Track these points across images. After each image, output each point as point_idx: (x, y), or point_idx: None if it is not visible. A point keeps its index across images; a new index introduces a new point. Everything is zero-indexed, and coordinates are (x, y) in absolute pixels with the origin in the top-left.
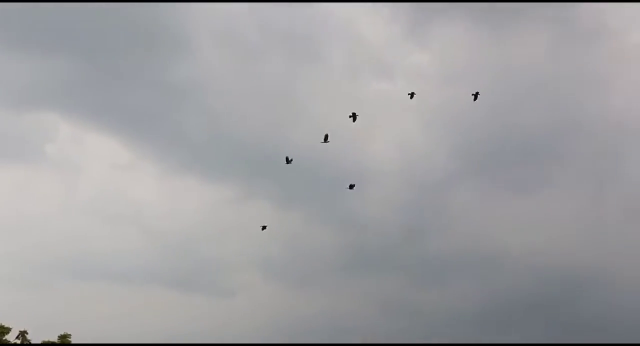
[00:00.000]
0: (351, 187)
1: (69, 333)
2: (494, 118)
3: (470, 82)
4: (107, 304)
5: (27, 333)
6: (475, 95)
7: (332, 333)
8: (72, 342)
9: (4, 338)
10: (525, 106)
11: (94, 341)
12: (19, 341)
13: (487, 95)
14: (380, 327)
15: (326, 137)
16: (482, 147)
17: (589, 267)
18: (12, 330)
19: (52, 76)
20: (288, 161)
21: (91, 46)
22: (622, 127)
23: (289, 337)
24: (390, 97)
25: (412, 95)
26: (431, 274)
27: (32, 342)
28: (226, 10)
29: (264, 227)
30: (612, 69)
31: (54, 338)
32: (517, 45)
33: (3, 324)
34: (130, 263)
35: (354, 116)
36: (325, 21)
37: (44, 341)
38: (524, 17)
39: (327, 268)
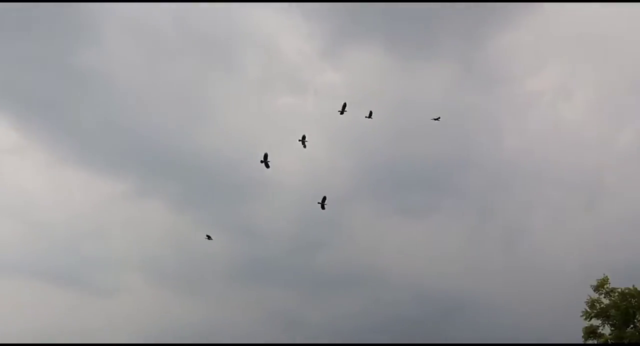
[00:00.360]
0: (324, 203)
1: None
2: (394, 144)
3: (376, 107)
4: None
5: None
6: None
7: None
8: None
9: None
10: (425, 137)
11: None
12: None
13: (391, 123)
14: (263, 338)
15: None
16: (381, 170)
17: (467, 291)
18: None
19: None
20: (265, 163)
21: None
22: (510, 166)
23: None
24: (300, 112)
25: (369, 114)
26: (319, 288)
27: None
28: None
29: (208, 237)
30: (507, 112)
31: None
32: (424, 78)
33: None
34: (3, 256)
35: (303, 140)
36: (244, 29)
37: None
38: (433, 52)
39: (215, 276)
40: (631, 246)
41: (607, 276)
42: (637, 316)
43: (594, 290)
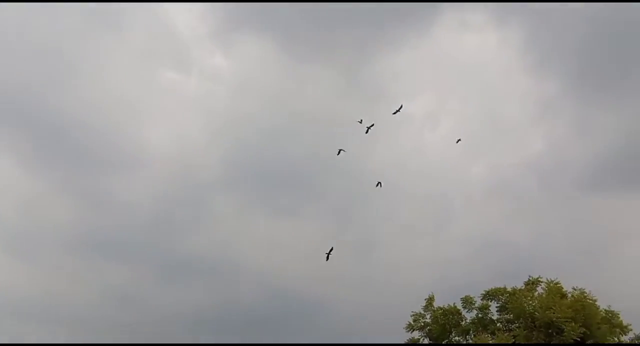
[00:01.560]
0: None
1: None
2: (269, 141)
3: (258, 100)
4: None
5: None
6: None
7: (41, 319)
8: None
9: None
10: (297, 137)
11: None
12: None
13: (269, 120)
14: (95, 314)
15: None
16: (252, 163)
17: (315, 294)
18: None
19: None
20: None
21: None
22: (374, 179)
23: None
24: (180, 89)
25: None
26: (171, 272)
27: None
28: None
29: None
30: (381, 128)
31: None
32: (308, 82)
33: None
34: None
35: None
36: None
37: None
38: (323, 59)
39: (60, 246)
40: (469, 265)
41: (433, 295)
42: (453, 332)
43: (423, 310)
